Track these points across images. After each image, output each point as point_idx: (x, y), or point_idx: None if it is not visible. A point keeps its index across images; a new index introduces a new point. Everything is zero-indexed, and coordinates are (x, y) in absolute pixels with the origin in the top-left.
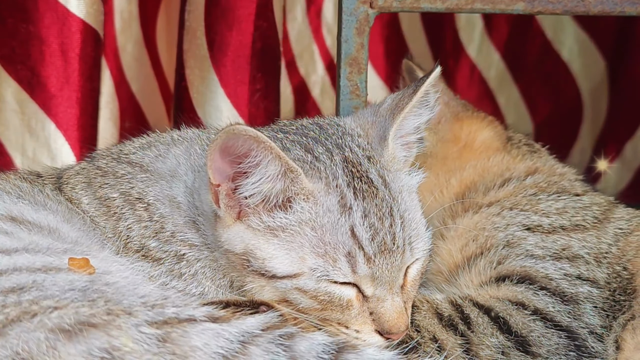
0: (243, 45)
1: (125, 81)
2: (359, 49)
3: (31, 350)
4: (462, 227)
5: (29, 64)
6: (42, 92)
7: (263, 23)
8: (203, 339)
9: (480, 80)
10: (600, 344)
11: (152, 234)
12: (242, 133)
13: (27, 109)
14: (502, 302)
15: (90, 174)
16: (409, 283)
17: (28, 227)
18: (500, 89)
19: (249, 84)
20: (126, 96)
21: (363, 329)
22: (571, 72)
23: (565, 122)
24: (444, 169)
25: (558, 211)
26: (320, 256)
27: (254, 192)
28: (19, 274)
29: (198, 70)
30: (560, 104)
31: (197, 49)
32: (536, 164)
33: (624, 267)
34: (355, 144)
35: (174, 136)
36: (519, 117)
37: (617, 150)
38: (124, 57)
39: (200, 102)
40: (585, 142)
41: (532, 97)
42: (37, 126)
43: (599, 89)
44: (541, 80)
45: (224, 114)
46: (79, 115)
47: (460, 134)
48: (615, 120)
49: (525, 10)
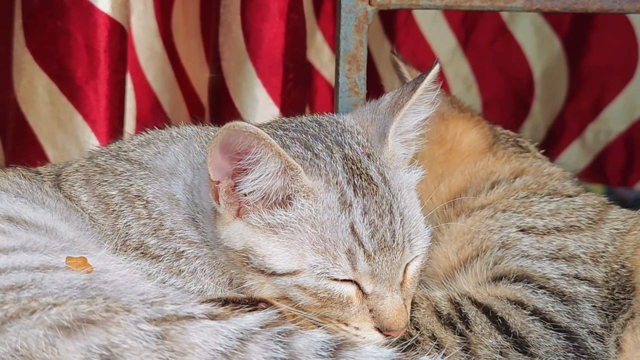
0: (277, 38)
1: (140, 71)
2: (357, 46)
3: (30, 347)
4: (456, 231)
5: (56, 57)
6: (69, 85)
7: (295, 16)
8: (202, 336)
9: (430, 55)
10: (600, 344)
11: (151, 231)
12: (242, 130)
13: (56, 101)
14: (500, 301)
15: (89, 171)
16: (408, 280)
17: (25, 227)
18: (450, 63)
19: (283, 74)
20: (142, 86)
21: (363, 326)
22: (524, 52)
23: (515, 99)
24: (432, 174)
25: (551, 213)
26: (320, 253)
27: (254, 189)
28: (18, 273)
29: (234, 63)
30: (511, 82)
31: (232, 42)
32: (522, 165)
33: (622, 264)
34: (354, 142)
35: (173, 133)
36: (466, 90)
37: (577, 131)
38: (139, 48)
39: (237, 93)
40: (539, 120)
41: (482, 74)
42: (65, 118)
43: (554, 69)
44: (492, 58)
45: (259, 103)
46: (105, 107)
47: (446, 136)
48: (576, 101)
49: (524, 8)
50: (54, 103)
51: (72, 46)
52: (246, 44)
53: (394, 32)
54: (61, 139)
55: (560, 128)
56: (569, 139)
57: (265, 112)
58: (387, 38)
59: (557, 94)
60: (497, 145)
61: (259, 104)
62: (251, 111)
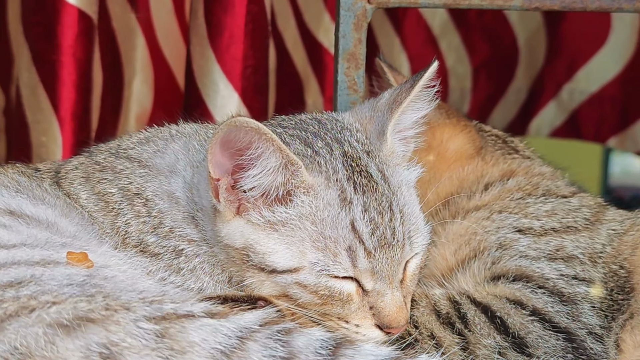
0: (236, 27)
1: (158, 48)
2: (356, 44)
3: (29, 345)
4: (452, 232)
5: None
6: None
7: (254, 7)
8: (201, 334)
9: (425, 28)
10: (599, 345)
11: (151, 229)
12: (243, 125)
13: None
14: (499, 300)
15: (89, 168)
16: (408, 277)
17: (26, 221)
18: (442, 35)
19: (242, 61)
20: (160, 61)
21: (363, 323)
22: (509, 22)
23: (501, 65)
24: (420, 181)
25: (547, 213)
26: (321, 250)
27: (254, 185)
28: (17, 268)
29: (199, 47)
30: (498, 49)
31: (198, 28)
32: (511, 166)
33: (621, 265)
34: (354, 139)
35: (173, 131)
36: (458, 59)
37: (554, 92)
38: (157, 25)
39: (199, 76)
40: (521, 83)
41: (471, 43)
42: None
43: (535, 36)
44: (480, 28)
45: (220, 87)
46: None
47: (432, 142)
48: (552, 64)
49: (522, 7)
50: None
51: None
52: (208, 31)
53: (394, 12)
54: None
55: (539, 89)
56: (547, 99)
57: (225, 95)
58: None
59: (537, 59)
60: (485, 148)
61: (219, 87)
62: (212, 94)
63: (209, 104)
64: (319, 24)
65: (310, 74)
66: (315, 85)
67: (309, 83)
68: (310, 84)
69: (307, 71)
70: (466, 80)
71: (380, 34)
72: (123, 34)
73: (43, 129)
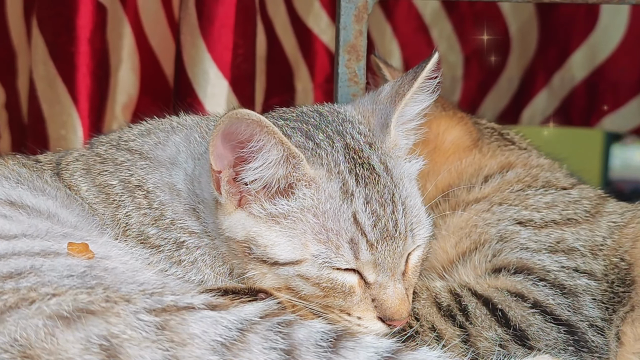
0: (227, 17)
1: (144, 36)
2: (357, 36)
3: (29, 337)
4: (453, 225)
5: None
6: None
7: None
8: (201, 326)
9: (417, 16)
10: (600, 337)
11: (152, 221)
12: (245, 117)
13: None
14: (500, 293)
15: (90, 160)
16: (410, 270)
17: (27, 211)
18: (434, 23)
19: (232, 50)
20: (145, 50)
21: (365, 315)
22: (501, 12)
23: (493, 54)
24: (418, 174)
25: (547, 205)
26: (323, 243)
27: (256, 177)
28: (17, 258)
29: (189, 37)
30: (490, 38)
31: (189, 18)
32: (509, 158)
33: (622, 258)
34: (356, 131)
35: (174, 123)
36: (450, 48)
37: (545, 80)
38: (144, 14)
39: (190, 65)
40: (513, 72)
41: (463, 32)
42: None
43: (527, 26)
44: (472, 17)
45: (210, 76)
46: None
47: (429, 135)
48: (544, 53)
49: None
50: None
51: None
52: (199, 20)
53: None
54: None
55: (531, 78)
56: (539, 87)
57: (215, 84)
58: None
59: (529, 48)
60: (481, 140)
61: (210, 76)
62: (202, 82)
63: (199, 92)
64: (308, 10)
65: (300, 60)
66: (305, 71)
67: (299, 69)
68: (300, 70)
69: (297, 57)
70: (457, 69)
71: (372, 22)
72: (110, 23)
73: (62, 121)
